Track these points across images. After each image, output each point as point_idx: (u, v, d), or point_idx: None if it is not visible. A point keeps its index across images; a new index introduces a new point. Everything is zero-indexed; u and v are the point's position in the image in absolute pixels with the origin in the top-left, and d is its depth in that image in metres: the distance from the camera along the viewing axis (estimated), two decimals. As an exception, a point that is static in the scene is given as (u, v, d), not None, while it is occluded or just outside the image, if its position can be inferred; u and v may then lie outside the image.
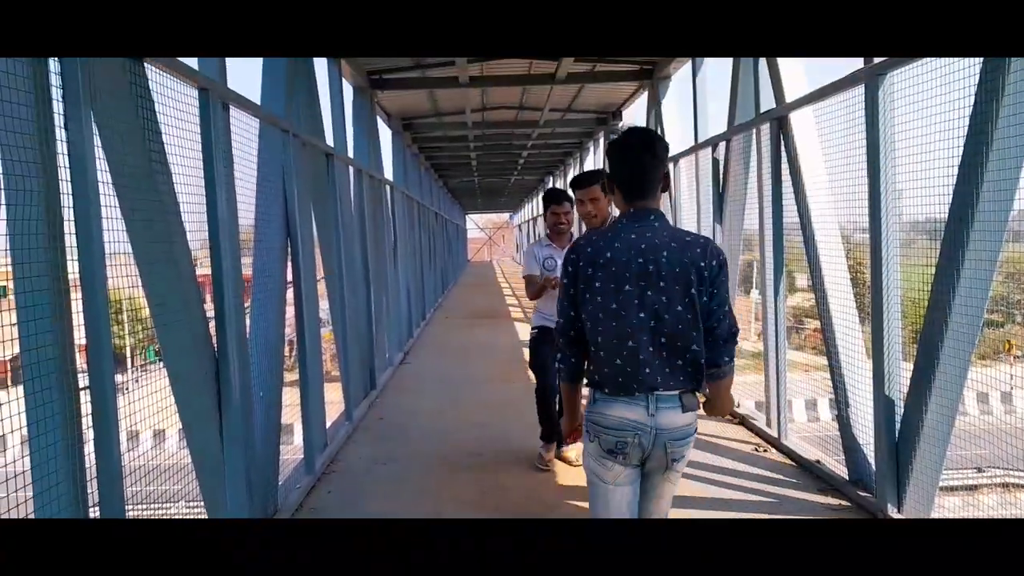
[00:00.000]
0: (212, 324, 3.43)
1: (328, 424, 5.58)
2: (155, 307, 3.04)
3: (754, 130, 5.56)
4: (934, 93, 3.43)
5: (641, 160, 2.42)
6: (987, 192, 3.23)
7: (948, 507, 3.85)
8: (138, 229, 2.90)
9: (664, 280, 2.32)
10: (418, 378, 8.35)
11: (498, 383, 7.79)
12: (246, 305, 4.01)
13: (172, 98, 3.27)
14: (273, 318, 4.28)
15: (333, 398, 6.14)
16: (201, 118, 3.36)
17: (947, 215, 3.45)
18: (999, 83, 3.11)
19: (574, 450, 4.87)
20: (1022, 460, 3.55)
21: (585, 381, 2.49)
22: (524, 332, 11.70)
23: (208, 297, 3.47)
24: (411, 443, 5.66)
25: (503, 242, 58.29)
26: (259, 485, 3.85)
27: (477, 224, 55.15)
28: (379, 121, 10.48)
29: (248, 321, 4.03)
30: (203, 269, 3.52)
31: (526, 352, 10.20)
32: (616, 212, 2.56)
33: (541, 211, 5.15)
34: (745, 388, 6.48)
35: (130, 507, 2.76)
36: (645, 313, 2.32)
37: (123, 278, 2.88)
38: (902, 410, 3.79)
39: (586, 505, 2.55)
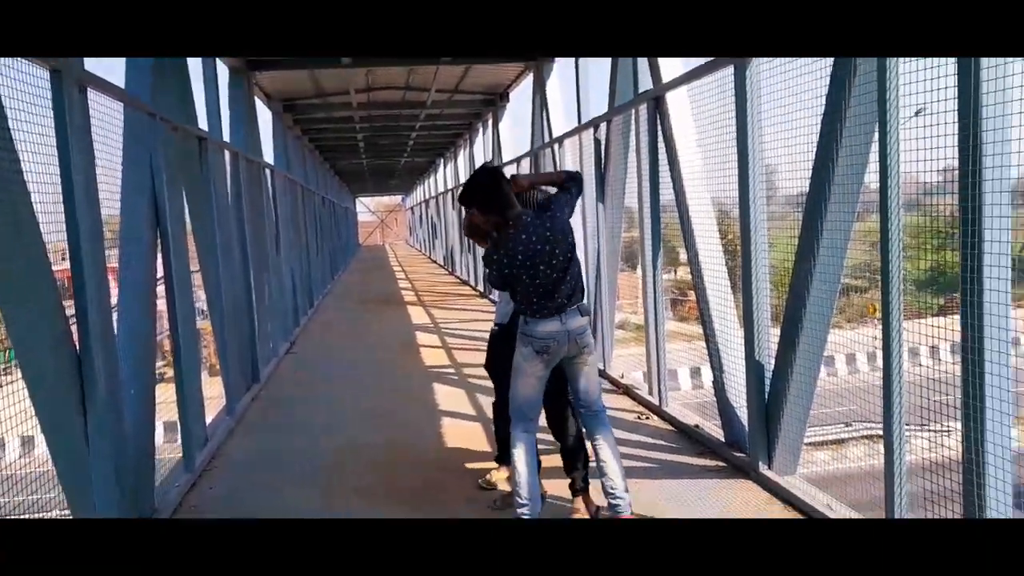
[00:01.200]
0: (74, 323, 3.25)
1: (209, 419, 5.39)
2: (4, 304, 2.85)
3: (633, 111, 5.70)
4: (798, 75, 3.62)
5: (501, 189, 3.53)
6: (841, 167, 3.44)
7: (817, 461, 4.11)
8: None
9: (558, 248, 3.44)
10: (305, 368, 8.17)
11: (393, 370, 7.73)
12: (113, 301, 3.82)
13: (21, 80, 3.05)
14: (142, 312, 4.08)
15: (215, 392, 5.94)
16: (54, 102, 3.13)
17: (807, 189, 3.66)
18: (850, 67, 3.30)
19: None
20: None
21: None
22: (417, 317, 11.64)
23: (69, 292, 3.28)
24: (296, 436, 5.55)
25: (396, 225, 57.58)
26: (131, 485, 3.67)
27: (368, 207, 54.25)
28: (257, 103, 10.10)
29: (115, 316, 3.84)
30: (65, 264, 3.32)
31: (419, 336, 10.17)
32: None
33: None
34: (630, 360, 6.69)
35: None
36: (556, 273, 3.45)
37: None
38: (771, 374, 4.01)
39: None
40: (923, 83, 2.77)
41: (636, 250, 7.64)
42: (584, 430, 3.71)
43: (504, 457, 4.02)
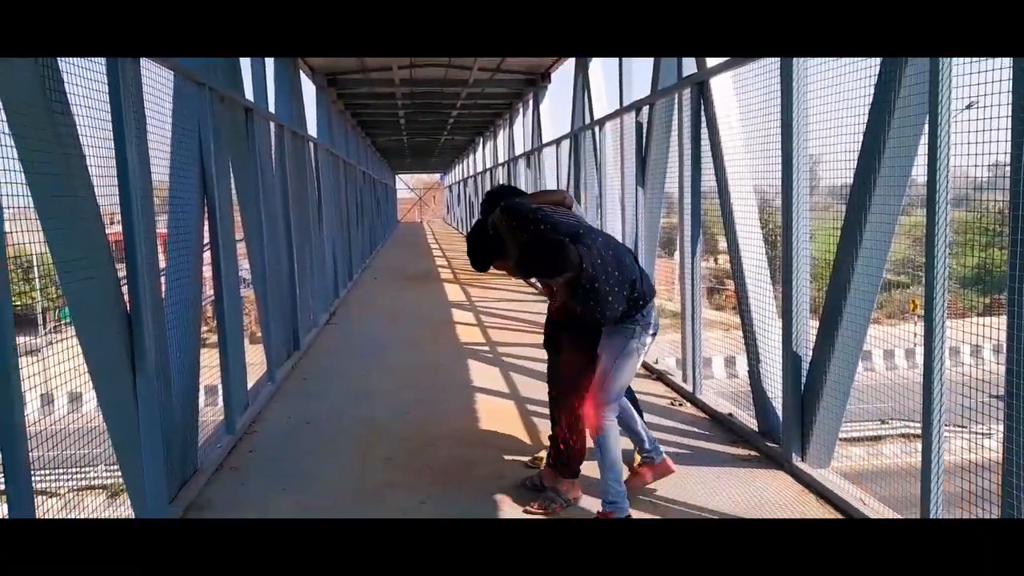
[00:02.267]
0: (125, 285, 3.35)
1: (250, 385, 5.52)
2: (60, 265, 2.95)
3: (676, 95, 5.66)
4: (846, 64, 3.57)
5: (488, 235, 3.70)
6: (887, 159, 3.39)
7: (853, 457, 4.09)
8: (39, 183, 2.78)
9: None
10: (344, 339, 8.30)
11: (427, 345, 7.82)
12: (162, 266, 3.92)
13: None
14: (189, 277, 4.19)
15: (256, 359, 6.07)
16: (108, 70, 3.22)
17: (852, 180, 3.62)
18: (901, 59, 3.24)
19: None
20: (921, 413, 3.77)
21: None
22: (453, 294, 11.72)
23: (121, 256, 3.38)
24: (335, 404, 5.66)
25: (433, 203, 57.81)
26: (177, 445, 3.80)
27: (407, 184, 54.43)
28: (303, 76, 10.20)
29: (164, 281, 3.94)
30: (117, 228, 3.42)
31: (455, 313, 10.25)
32: None
33: None
34: (667, 347, 6.68)
35: (44, 472, 2.70)
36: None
37: (24, 233, 2.76)
38: (808, 365, 3.99)
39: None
40: (977, 75, 2.71)
41: (674, 236, 7.59)
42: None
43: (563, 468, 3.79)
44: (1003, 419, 2.65)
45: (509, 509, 3.74)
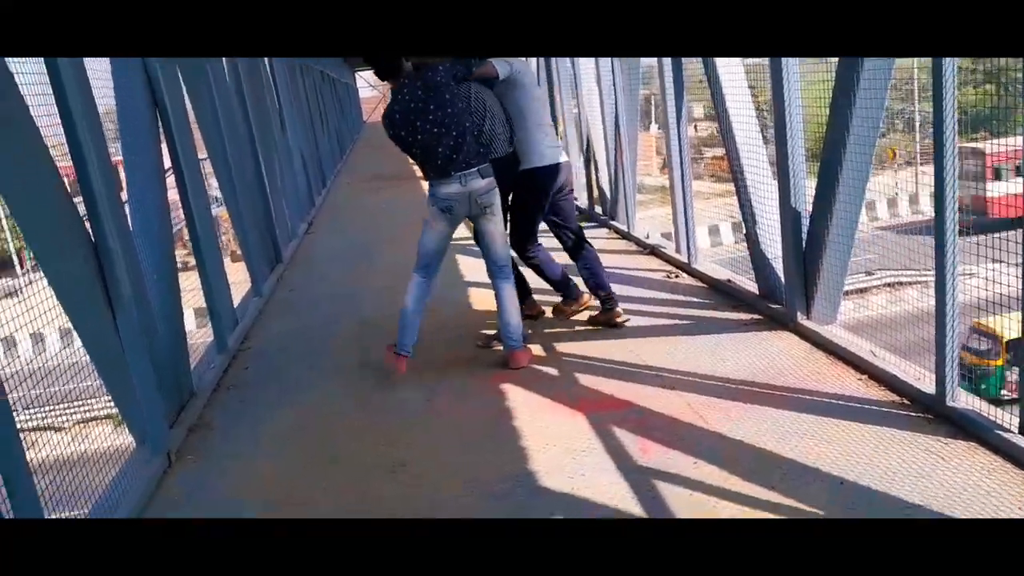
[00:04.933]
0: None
1: (237, 302, 5.37)
2: (15, 207, 2.74)
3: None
4: None
5: (385, 58, 3.89)
6: None
7: (841, 311, 4.05)
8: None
9: (434, 104, 3.81)
10: (325, 247, 8.11)
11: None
12: (123, 196, 3.69)
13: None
14: (153, 198, 3.93)
15: (241, 277, 5.90)
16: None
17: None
18: None
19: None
20: (907, 261, 3.69)
21: None
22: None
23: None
24: (325, 310, 5.54)
25: (398, 100, 56.04)
26: (168, 370, 3.67)
27: (368, 82, 52.53)
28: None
29: (128, 208, 3.72)
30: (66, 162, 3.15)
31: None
32: None
33: None
34: (652, 222, 6.56)
35: (48, 409, 2.58)
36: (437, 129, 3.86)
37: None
38: (807, 222, 3.87)
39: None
40: None
41: (648, 108, 7.29)
42: (490, 279, 4.11)
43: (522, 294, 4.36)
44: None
45: (515, 395, 3.69)
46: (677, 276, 5.35)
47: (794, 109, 3.77)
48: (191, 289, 4.60)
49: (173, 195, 4.27)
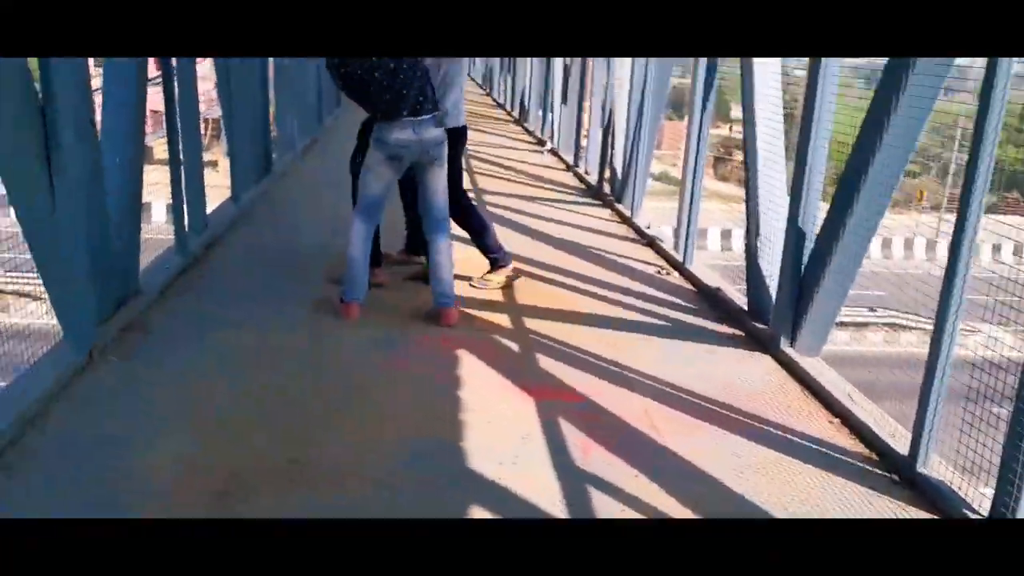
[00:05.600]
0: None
1: (211, 208, 5.11)
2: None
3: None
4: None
5: None
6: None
7: (837, 341, 3.83)
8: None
9: None
10: (324, 167, 7.79)
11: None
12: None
13: None
14: (131, 71, 3.65)
15: (219, 181, 5.63)
16: None
17: (886, 60, 3.15)
18: None
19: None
20: (913, 304, 3.50)
21: None
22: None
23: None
24: (303, 235, 5.30)
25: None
26: (112, 262, 3.42)
27: None
28: None
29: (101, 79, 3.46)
30: None
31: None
32: None
33: None
34: (664, 215, 6.31)
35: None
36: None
37: None
38: (812, 245, 3.62)
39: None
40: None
41: (683, 100, 7.00)
42: (426, 234, 3.97)
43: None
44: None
45: (468, 363, 3.47)
46: (668, 273, 5.10)
47: (822, 125, 3.50)
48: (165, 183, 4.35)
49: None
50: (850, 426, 3.17)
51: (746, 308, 4.25)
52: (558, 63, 9.99)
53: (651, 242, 5.77)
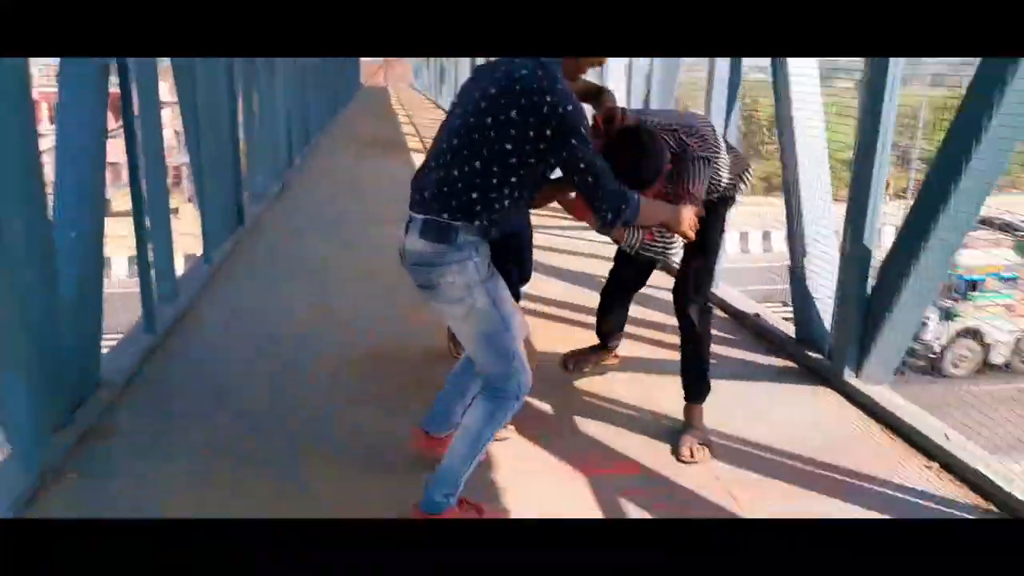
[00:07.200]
0: None
1: (180, 269, 4.58)
2: None
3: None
4: None
5: None
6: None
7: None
8: None
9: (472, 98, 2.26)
10: (299, 213, 7.27)
11: (393, 225, 6.82)
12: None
13: None
14: (92, 126, 3.11)
15: (182, 228, 5.09)
16: None
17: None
18: None
19: None
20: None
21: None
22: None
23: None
24: (285, 294, 4.75)
25: (399, 66, 54.87)
26: (64, 355, 2.83)
27: (370, 46, 51.25)
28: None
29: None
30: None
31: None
32: None
33: None
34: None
35: None
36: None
37: None
38: (880, 264, 3.18)
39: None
40: None
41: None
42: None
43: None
44: None
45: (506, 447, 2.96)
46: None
47: (889, 131, 3.06)
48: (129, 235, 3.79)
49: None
50: (954, 472, 2.71)
51: (794, 336, 3.79)
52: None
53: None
